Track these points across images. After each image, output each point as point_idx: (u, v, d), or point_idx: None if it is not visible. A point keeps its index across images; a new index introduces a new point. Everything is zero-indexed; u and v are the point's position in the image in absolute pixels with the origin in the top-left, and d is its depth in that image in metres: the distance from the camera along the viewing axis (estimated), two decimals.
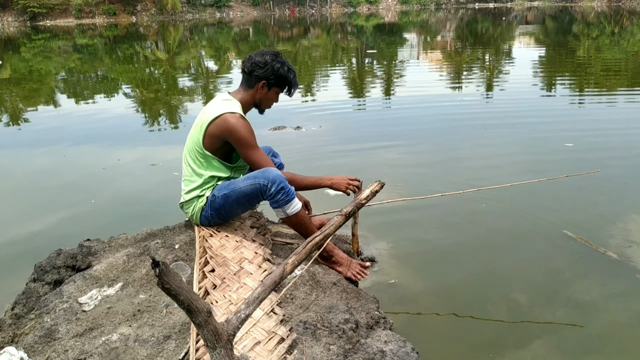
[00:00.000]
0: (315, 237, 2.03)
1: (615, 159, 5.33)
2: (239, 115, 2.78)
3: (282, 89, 2.95)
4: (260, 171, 2.76)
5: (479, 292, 3.09)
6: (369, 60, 16.76)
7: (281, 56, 2.91)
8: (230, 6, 51.90)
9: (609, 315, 2.83)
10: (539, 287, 3.12)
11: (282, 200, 2.70)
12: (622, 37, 22.21)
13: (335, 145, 6.19)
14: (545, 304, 2.93)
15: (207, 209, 2.89)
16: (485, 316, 2.83)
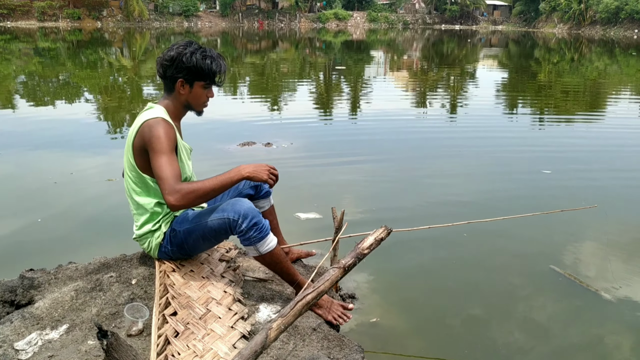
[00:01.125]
0: (306, 296, 1.68)
1: (599, 188, 5.24)
2: (160, 119, 2.35)
3: (205, 80, 2.46)
4: (229, 203, 2.40)
5: (466, 333, 2.85)
6: (338, 76, 16.61)
7: (193, 44, 2.45)
8: (199, 16, 51.38)
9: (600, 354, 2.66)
10: (531, 330, 2.90)
11: (255, 238, 2.34)
12: (581, 64, 22.77)
13: (306, 163, 5.95)
14: (539, 349, 2.72)
15: (167, 244, 2.51)
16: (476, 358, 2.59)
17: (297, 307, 1.67)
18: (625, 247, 3.93)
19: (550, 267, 3.54)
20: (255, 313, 2.28)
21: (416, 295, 3.25)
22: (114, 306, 2.34)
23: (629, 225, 4.28)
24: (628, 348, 2.75)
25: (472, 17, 63.84)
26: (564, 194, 5.07)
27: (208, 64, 2.43)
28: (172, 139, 2.34)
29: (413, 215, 4.43)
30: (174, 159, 2.30)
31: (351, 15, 58.41)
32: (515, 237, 4.00)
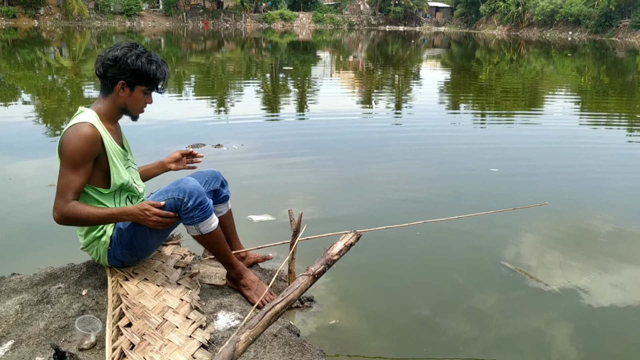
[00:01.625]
0: (275, 305, 1.63)
1: (546, 185, 5.41)
2: (87, 125, 2.25)
3: (147, 85, 2.39)
4: (172, 183, 2.35)
5: (423, 330, 2.88)
6: (285, 76, 16.57)
7: (139, 47, 2.37)
8: (142, 15, 50.18)
9: (557, 346, 2.74)
10: (486, 324, 2.96)
11: (198, 217, 2.32)
12: (520, 64, 23.59)
13: (257, 165, 5.89)
14: (494, 342, 2.79)
15: (115, 248, 2.41)
16: (435, 356, 2.61)
17: (265, 318, 1.62)
18: (574, 242, 4.06)
19: (501, 263, 3.61)
20: (214, 321, 2.22)
21: (373, 295, 3.25)
22: (64, 319, 2.22)
23: (578, 221, 4.43)
24: (570, 339, 2.83)
25: (415, 18, 65.09)
26: (513, 191, 5.21)
27: (153, 69, 2.36)
28: (86, 152, 2.24)
29: (367, 215, 4.44)
30: (78, 173, 2.23)
31: (297, 15, 58.45)
32: (467, 234, 4.07)
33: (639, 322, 3.03)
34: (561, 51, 32.52)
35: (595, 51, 33.00)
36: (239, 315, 2.28)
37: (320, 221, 4.17)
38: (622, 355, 2.73)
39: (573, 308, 3.13)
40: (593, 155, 6.91)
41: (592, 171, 6.01)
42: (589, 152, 7.05)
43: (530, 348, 2.76)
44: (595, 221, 4.44)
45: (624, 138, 8.36)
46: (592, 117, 10.47)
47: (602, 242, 4.07)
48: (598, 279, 3.45)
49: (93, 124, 2.28)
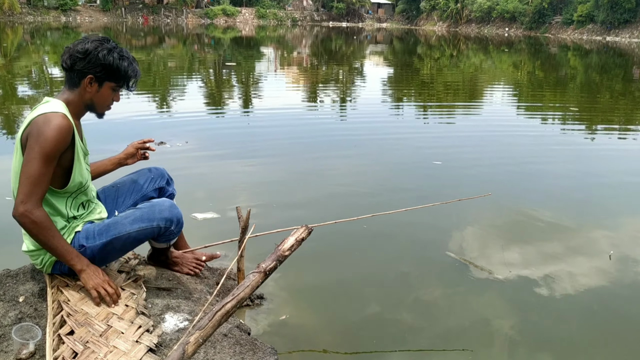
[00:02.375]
0: (226, 304, 1.59)
1: (489, 176, 5.56)
2: (61, 115, 2.11)
3: (117, 82, 2.27)
4: (150, 210, 2.30)
5: (371, 322, 2.91)
6: (228, 72, 16.37)
7: (110, 42, 2.25)
8: (78, 10, 48.40)
9: (502, 331, 2.83)
10: (431, 313, 3.03)
11: (174, 235, 2.42)
12: (459, 60, 24.21)
13: (202, 162, 5.79)
14: (440, 329, 2.85)
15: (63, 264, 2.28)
16: (385, 348, 2.64)
17: (215, 318, 1.57)
18: (516, 231, 4.19)
19: (446, 253, 3.69)
20: (161, 323, 2.15)
21: (322, 289, 3.25)
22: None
23: (519, 210, 4.57)
24: (512, 325, 2.93)
25: (358, 14, 65.66)
26: (456, 183, 5.33)
27: (125, 65, 2.25)
28: (61, 144, 2.11)
29: (315, 210, 4.44)
30: (49, 167, 2.09)
31: (240, 11, 57.85)
32: (413, 226, 4.13)
33: (577, 306, 3.16)
34: (498, 47, 33.56)
35: (530, 47, 34.24)
36: (187, 316, 2.22)
37: (268, 217, 4.14)
38: (562, 338, 2.84)
39: (516, 295, 3.24)
40: (531, 146, 7.17)
41: (531, 161, 6.24)
42: (527, 143, 7.32)
43: (477, 335, 2.83)
44: (535, 210, 4.60)
45: (558, 129, 8.71)
46: (529, 110, 10.86)
47: (542, 230, 4.23)
48: (539, 266, 3.57)
49: (66, 115, 2.14)
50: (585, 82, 16.28)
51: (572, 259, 3.73)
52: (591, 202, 4.98)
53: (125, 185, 2.66)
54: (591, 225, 4.38)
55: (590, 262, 3.66)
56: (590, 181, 5.66)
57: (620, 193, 5.28)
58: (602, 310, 3.11)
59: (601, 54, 28.73)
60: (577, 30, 45.33)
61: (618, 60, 25.74)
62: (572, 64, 23.47)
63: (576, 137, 8.15)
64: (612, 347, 2.78)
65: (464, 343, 2.75)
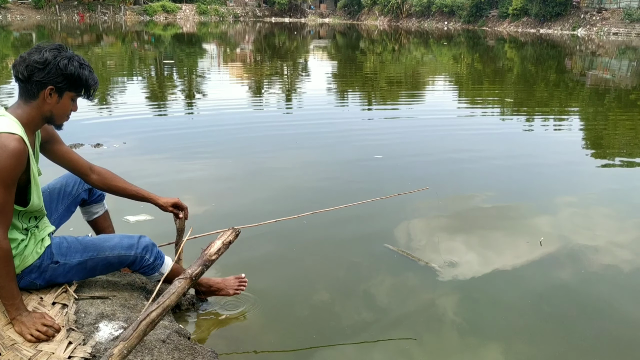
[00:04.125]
0: (150, 313, 1.53)
1: (428, 170, 5.67)
2: (13, 138, 1.97)
3: (77, 92, 2.18)
4: (133, 239, 2.37)
5: (314, 318, 2.93)
6: (169, 70, 16.04)
7: (66, 49, 2.14)
8: (8, 8, 46.24)
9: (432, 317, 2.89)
10: (372, 305, 3.08)
11: (159, 264, 2.41)
12: (401, 54, 24.59)
13: (141, 164, 5.65)
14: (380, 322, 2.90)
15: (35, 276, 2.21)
16: (328, 342, 2.65)
17: (140, 328, 1.53)
18: (452, 223, 4.30)
19: (384, 245, 3.74)
20: (95, 333, 2.09)
21: (263, 288, 3.22)
22: None
23: (456, 203, 4.69)
24: (454, 309, 3.02)
25: (300, 10, 65.61)
26: (397, 177, 5.40)
27: (86, 74, 2.14)
28: (18, 170, 2.00)
29: (257, 210, 4.41)
30: (10, 193, 1.99)
31: (180, 7, 56.77)
32: (352, 221, 4.16)
33: (516, 291, 3.27)
34: (438, 40, 34.27)
35: (469, 40, 35.13)
36: (123, 323, 2.16)
37: (208, 219, 4.09)
38: (503, 322, 2.94)
39: (454, 283, 3.33)
40: (470, 138, 7.35)
41: (469, 152, 6.40)
42: (466, 136, 7.50)
43: (420, 324, 2.89)
44: (472, 199, 4.74)
45: (497, 121, 8.97)
46: (468, 103, 11.14)
47: (479, 219, 4.36)
48: (475, 254, 3.69)
49: (21, 137, 2.01)
50: (522, 73, 16.84)
51: (509, 247, 3.86)
52: (528, 191, 5.16)
53: (55, 190, 2.57)
54: (528, 213, 4.54)
55: (526, 249, 3.80)
56: (528, 170, 5.85)
57: (557, 181, 5.50)
58: (541, 295, 3.23)
59: (536, 46, 29.79)
60: (513, 24, 46.81)
61: (551, 51, 26.76)
62: (508, 56, 24.22)
63: (514, 127, 8.43)
64: (552, 331, 2.88)
65: (408, 332, 2.80)
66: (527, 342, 2.77)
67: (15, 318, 2.04)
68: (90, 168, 2.51)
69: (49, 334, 2.02)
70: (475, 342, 2.76)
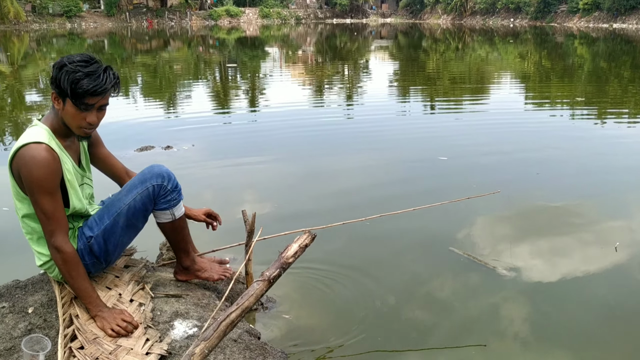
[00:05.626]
0: (230, 314, 1.58)
1: (497, 172, 5.51)
2: (41, 147, 2.02)
3: (72, 99, 2.04)
4: (144, 172, 2.28)
5: (377, 320, 2.90)
6: (232, 73, 16.38)
7: (83, 56, 2.07)
8: (82, 16, 48.57)
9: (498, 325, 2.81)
10: (436, 309, 3.03)
11: (175, 200, 2.32)
12: (465, 52, 24.07)
13: (209, 165, 5.79)
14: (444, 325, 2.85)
15: (84, 257, 2.26)
16: (395, 347, 2.62)
17: (220, 328, 1.57)
18: (522, 227, 4.16)
19: (449, 249, 3.67)
20: (171, 330, 2.15)
21: (326, 288, 3.23)
22: (9, 340, 2.11)
23: (526, 206, 4.53)
24: (522, 318, 2.91)
25: (361, 10, 65.50)
26: (463, 179, 5.27)
27: (76, 77, 2.01)
28: (54, 176, 2.07)
29: (321, 211, 4.42)
30: (56, 203, 2.08)
31: (243, 11, 57.88)
32: (416, 223, 4.10)
33: (588, 298, 3.13)
34: (504, 38, 33.34)
35: (536, 37, 34.00)
36: (197, 322, 2.21)
37: (274, 220, 4.14)
38: (574, 330, 2.82)
39: (524, 289, 3.22)
40: (539, 138, 7.10)
41: (539, 154, 6.18)
42: (535, 135, 7.26)
43: (488, 330, 2.82)
44: (542, 204, 4.57)
45: (567, 120, 8.63)
46: (536, 101, 10.78)
47: (549, 224, 4.20)
48: (546, 260, 3.56)
49: (49, 145, 2.06)
50: (593, 71, 16.13)
51: (582, 252, 3.70)
52: (602, 194, 4.92)
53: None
54: (602, 217, 4.34)
55: (599, 254, 3.63)
56: (601, 171, 5.60)
57: (632, 182, 5.23)
58: (614, 303, 3.08)
59: (608, 42, 28.47)
60: (583, 19, 44.94)
61: (626, 47, 25.49)
62: (579, 52, 23.27)
63: (585, 127, 8.08)
64: (624, 339, 2.75)
65: (476, 338, 2.74)
66: (597, 352, 2.66)
67: (96, 314, 2.13)
68: (126, 173, 2.57)
69: (128, 330, 2.09)
70: (544, 350, 2.66)
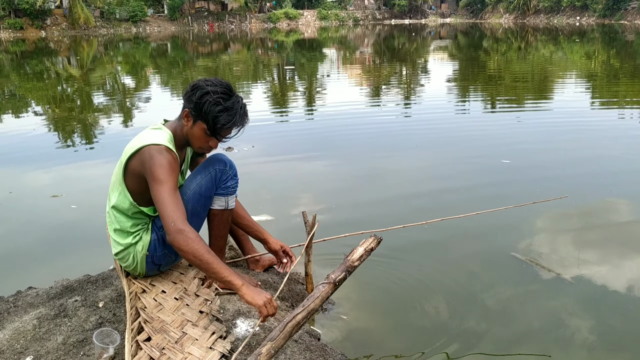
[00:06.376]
0: (296, 315, 1.60)
1: (562, 176, 5.31)
2: (164, 149, 2.18)
3: (206, 125, 2.23)
4: (208, 159, 2.40)
5: (437, 325, 2.85)
6: (290, 75, 16.53)
7: (224, 86, 2.23)
8: (147, 21, 50.27)
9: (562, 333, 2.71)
10: (496, 315, 2.95)
11: (232, 189, 2.41)
12: (528, 52, 23.36)
13: (268, 166, 5.87)
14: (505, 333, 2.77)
15: (155, 251, 2.35)
16: (456, 353, 2.57)
17: (286, 329, 1.58)
18: (589, 234, 3.99)
19: (511, 254, 3.56)
20: (233, 329, 2.19)
21: (384, 291, 3.20)
22: (81, 332, 2.21)
23: (593, 212, 4.35)
24: (588, 328, 2.79)
25: (420, 11, 64.71)
26: (527, 182, 5.12)
27: (215, 111, 2.19)
28: (175, 171, 2.19)
29: (379, 213, 4.39)
30: (177, 193, 2.16)
31: (302, 14, 58.35)
32: (476, 228, 3.98)
33: None
34: (569, 37, 32.17)
35: (604, 35, 32.62)
36: (258, 321, 2.24)
37: (331, 220, 4.13)
38: (638, 339, 2.68)
39: (590, 297, 3.10)
40: (607, 141, 6.80)
41: (607, 159, 5.92)
42: (602, 139, 6.95)
43: (553, 339, 2.71)
44: (611, 210, 4.37)
45: (637, 123, 8.22)
46: (604, 103, 10.32)
47: (619, 232, 4.00)
48: (613, 268, 3.40)
49: (171, 149, 2.21)
50: None
51: None
52: None
53: None
54: None
55: None
56: None
57: None
58: None
59: None
60: None
61: None
62: None
63: None
64: None
65: (540, 348, 2.65)
66: None
67: (243, 284, 2.04)
68: None
69: (275, 307, 2.03)
70: None
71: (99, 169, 5.87)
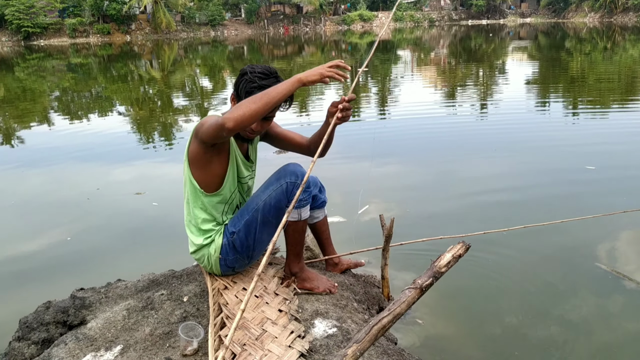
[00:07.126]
0: (382, 319, 1.60)
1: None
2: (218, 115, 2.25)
3: None
4: (280, 170, 2.39)
5: (516, 335, 2.78)
6: (363, 77, 16.49)
7: (265, 68, 2.31)
8: (225, 25, 51.74)
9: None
10: (578, 327, 2.83)
11: (305, 201, 2.38)
12: (614, 52, 22.17)
13: (341, 168, 5.87)
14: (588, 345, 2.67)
15: (227, 255, 2.43)
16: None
17: (372, 332, 1.59)
18: None
19: (595, 264, 3.40)
20: (311, 329, 2.22)
21: (460, 298, 3.14)
22: (167, 325, 2.31)
23: None
24: None
25: (499, 10, 62.86)
26: (613, 190, 4.86)
27: (250, 87, 2.25)
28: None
29: (454, 219, 4.31)
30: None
31: (376, 15, 58.13)
32: (558, 237, 3.84)
33: None
34: None
35: None
36: (336, 322, 2.26)
37: (405, 225, 4.07)
38: None
39: None
40: None
41: None
42: None
43: (635, 354, 2.57)
44: None
45: None
46: None
47: None
48: None
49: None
50: None
51: None
52: None
53: None
54: None
55: None
56: None
57: None
58: None
59: None
60: None
61: None
62: None
63: None
64: None
65: None
66: None
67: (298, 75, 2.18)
68: (302, 138, 2.74)
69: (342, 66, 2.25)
70: None
71: (178, 168, 6.09)
